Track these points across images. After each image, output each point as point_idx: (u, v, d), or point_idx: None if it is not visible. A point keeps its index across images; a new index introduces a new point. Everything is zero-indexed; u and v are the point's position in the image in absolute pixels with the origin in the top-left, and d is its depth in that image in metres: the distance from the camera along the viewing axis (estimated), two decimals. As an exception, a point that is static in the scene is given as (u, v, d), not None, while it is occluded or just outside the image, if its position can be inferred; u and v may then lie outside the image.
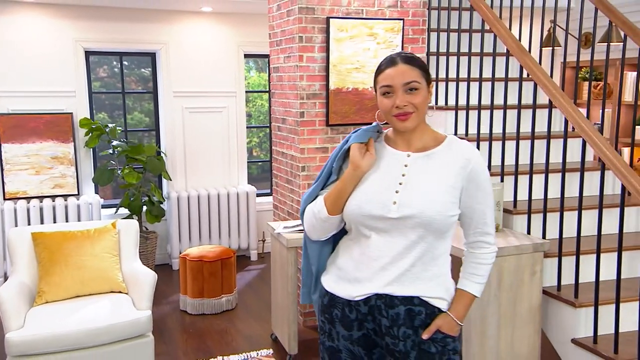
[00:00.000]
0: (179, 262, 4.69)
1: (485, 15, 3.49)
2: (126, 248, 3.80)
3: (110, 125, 5.30)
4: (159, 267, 5.60)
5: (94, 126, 5.21)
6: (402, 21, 4.06)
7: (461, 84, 3.89)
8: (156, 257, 5.62)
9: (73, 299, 3.50)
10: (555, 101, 3.04)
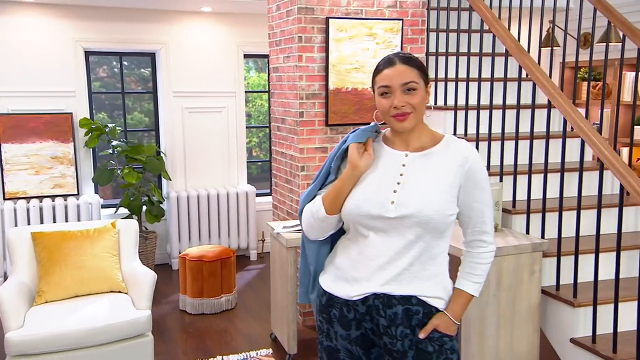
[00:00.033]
0: (179, 262, 4.69)
1: (484, 15, 3.49)
2: (126, 248, 3.80)
3: (110, 125, 5.30)
4: (159, 267, 5.61)
5: (94, 126, 5.21)
6: (401, 21, 4.07)
7: (460, 84, 3.89)
8: (156, 257, 5.62)
9: (73, 299, 3.51)
10: (554, 101, 3.04)
